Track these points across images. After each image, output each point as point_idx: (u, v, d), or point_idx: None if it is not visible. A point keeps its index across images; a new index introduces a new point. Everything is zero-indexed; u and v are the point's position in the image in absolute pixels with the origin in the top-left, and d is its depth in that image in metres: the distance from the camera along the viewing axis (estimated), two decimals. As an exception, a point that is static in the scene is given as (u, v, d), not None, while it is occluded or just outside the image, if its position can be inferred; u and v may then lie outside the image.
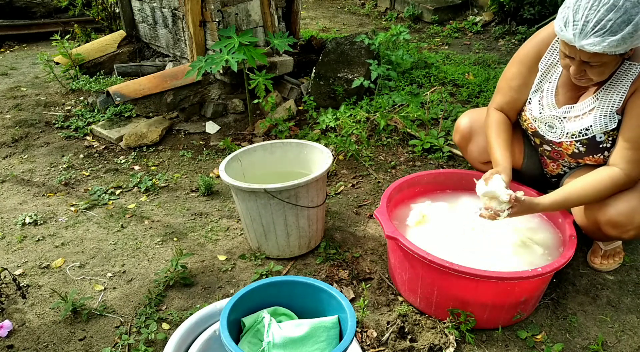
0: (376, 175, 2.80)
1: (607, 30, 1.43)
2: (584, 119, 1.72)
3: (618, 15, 1.41)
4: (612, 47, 1.44)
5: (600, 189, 1.66)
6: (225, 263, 2.16)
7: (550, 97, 1.80)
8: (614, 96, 1.64)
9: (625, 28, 1.42)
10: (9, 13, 5.83)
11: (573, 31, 1.47)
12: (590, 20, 1.43)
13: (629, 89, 1.61)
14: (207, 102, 3.52)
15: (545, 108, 1.81)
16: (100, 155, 3.20)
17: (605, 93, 1.66)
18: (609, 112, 1.66)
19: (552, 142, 1.85)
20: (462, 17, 5.85)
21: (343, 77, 3.37)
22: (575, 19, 1.46)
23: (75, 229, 2.45)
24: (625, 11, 1.41)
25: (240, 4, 3.26)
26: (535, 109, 1.85)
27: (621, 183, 1.65)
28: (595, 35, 1.44)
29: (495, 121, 1.94)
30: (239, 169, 2.25)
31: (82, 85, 3.99)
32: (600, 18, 1.42)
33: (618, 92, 1.63)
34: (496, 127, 1.93)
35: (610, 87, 1.65)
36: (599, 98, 1.68)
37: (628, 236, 1.70)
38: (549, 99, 1.80)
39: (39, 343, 1.79)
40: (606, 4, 1.42)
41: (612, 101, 1.65)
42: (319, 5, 7.11)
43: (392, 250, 1.89)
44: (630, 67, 1.60)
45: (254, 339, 1.47)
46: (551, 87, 1.80)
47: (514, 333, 1.75)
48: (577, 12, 1.46)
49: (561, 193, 1.70)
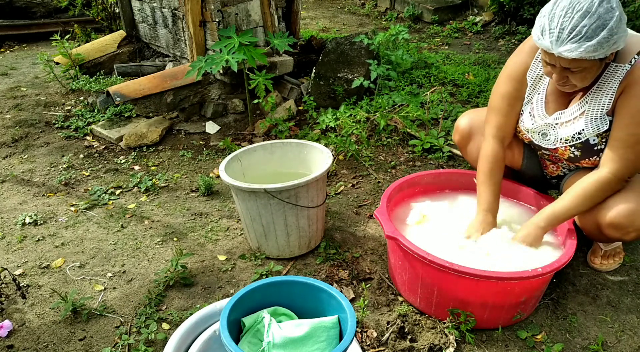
0: (376, 175, 2.80)
1: (583, 36, 1.44)
2: (575, 123, 1.73)
3: (592, 21, 1.43)
4: (589, 53, 1.46)
5: (590, 195, 1.67)
6: (225, 263, 2.16)
7: (540, 107, 1.81)
8: (603, 98, 1.65)
9: (601, 33, 1.44)
10: (9, 13, 5.83)
11: (550, 39, 1.49)
12: (565, 27, 1.45)
13: (617, 90, 1.61)
14: (207, 102, 3.52)
15: (536, 118, 1.82)
16: (100, 155, 3.20)
17: (595, 96, 1.67)
18: (599, 115, 1.67)
19: (548, 149, 1.86)
20: (462, 17, 5.85)
21: (343, 77, 3.37)
22: (551, 26, 1.48)
23: (75, 229, 2.45)
24: (599, 17, 1.43)
25: (240, 4, 3.26)
26: (527, 121, 1.86)
27: (608, 184, 1.66)
28: (572, 41, 1.45)
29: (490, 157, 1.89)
30: (239, 169, 2.25)
31: (82, 85, 3.99)
32: (575, 24, 1.44)
33: (606, 94, 1.64)
34: (489, 165, 1.89)
35: (599, 90, 1.66)
36: (589, 101, 1.69)
37: (629, 238, 1.70)
38: (540, 110, 1.82)
39: (39, 343, 1.79)
40: (580, 10, 1.44)
41: (602, 103, 1.66)
42: (319, 5, 7.11)
43: (392, 250, 1.89)
44: (617, 69, 1.61)
45: (254, 339, 1.47)
46: (540, 98, 1.81)
47: (514, 333, 1.75)
48: (553, 20, 1.48)
49: (555, 208, 1.73)
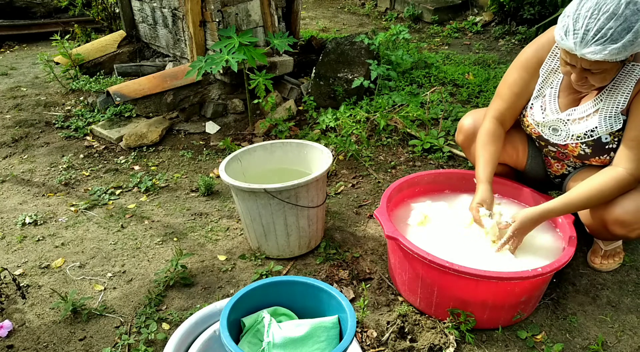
0: (376, 175, 2.80)
1: (608, 39, 1.43)
2: (588, 120, 1.72)
3: (618, 24, 1.42)
4: (613, 55, 1.45)
5: (604, 191, 1.66)
6: (225, 263, 2.16)
7: (553, 101, 1.81)
8: (619, 97, 1.64)
9: (626, 36, 1.42)
10: (9, 13, 5.83)
11: (574, 40, 1.47)
12: (590, 29, 1.44)
13: (634, 90, 1.61)
14: (207, 102, 3.52)
15: (548, 112, 1.81)
16: (100, 156, 3.20)
17: (610, 94, 1.67)
18: (614, 113, 1.66)
19: (558, 145, 1.85)
20: (462, 17, 5.85)
21: (343, 77, 3.37)
22: (576, 27, 1.46)
23: (75, 229, 2.45)
24: (625, 19, 1.41)
25: (240, 4, 3.26)
26: (538, 114, 1.85)
27: (625, 183, 1.65)
28: (596, 43, 1.44)
29: (486, 132, 1.93)
30: (239, 169, 2.25)
31: (82, 85, 3.99)
32: (600, 26, 1.43)
33: (622, 93, 1.63)
34: (485, 138, 1.92)
35: (614, 89, 1.65)
36: (603, 99, 1.68)
37: (635, 235, 1.69)
38: (552, 104, 1.81)
39: (39, 343, 1.79)
40: (606, 12, 1.42)
41: (617, 102, 1.65)
42: (319, 5, 7.11)
43: (392, 250, 1.89)
44: (634, 68, 1.61)
45: (254, 339, 1.47)
46: (553, 92, 1.81)
47: (514, 333, 1.75)
48: (577, 21, 1.46)
49: (566, 198, 1.71)
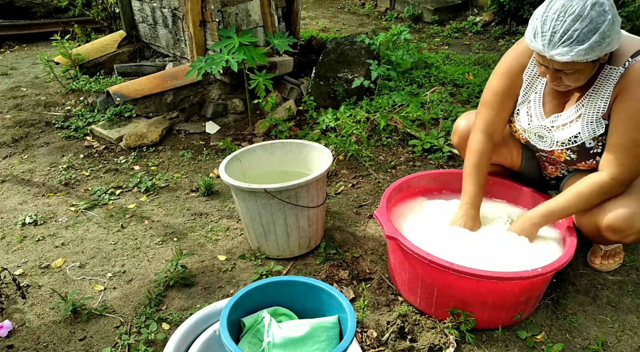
0: (376, 175, 2.80)
1: (574, 40, 1.44)
2: (571, 126, 1.72)
3: (584, 25, 1.43)
4: (581, 56, 1.46)
5: (588, 196, 1.67)
6: (225, 263, 2.16)
7: (538, 107, 1.81)
8: (599, 102, 1.64)
9: (592, 37, 1.43)
10: (9, 13, 5.83)
11: (542, 42, 1.49)
12: (557, 31, 1.45)
13: (612, 94, 1.61)
14: (207, 102, 3.52)
15: (533, 118, 1.82)
16: (100, 156, 3.20)
17: (590, 99, 1.67)
18: (595, 118, 1.66)
19: (545, 151, 1.86)
20: (462, 17, 5.85)
21: (343, 77, 3.37)
22: (544, 30, 1.48)
23: (75, 229, 2.45)
24: (591, 20, 1.43)
25: (240, 4, 3.26)
26: (524, 120, 1.85)
27: (608, 188, 1.66)
28: (563, 45, 1.45)
29: (475, 152, 1.90)
30: (239, 169, 2.25)
31: (82, 86, 3.99)
32: (567, 28, 1.44)
33: (602, 97, 1.63)
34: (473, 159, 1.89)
35: (594, 93, 1.65)
36: (585, 105, 1.68)
37: (629, 240, 1.70)
38: (537, 109, 1.81)
39: (39, 343, 1.79)
40: (572, 14, 1.43)
41: (597, 107, 1.65)
42: (319, 5, 7.11)
43: (392, 250, 1.89)
44: (611, 72, 1.60)
45: (254, 339, 1.47)
46: (538, 97, 1.81)
47: (514, 333, 1.75)
48: (545, 23, 1.48)
49: (552, 205, 1.74)
